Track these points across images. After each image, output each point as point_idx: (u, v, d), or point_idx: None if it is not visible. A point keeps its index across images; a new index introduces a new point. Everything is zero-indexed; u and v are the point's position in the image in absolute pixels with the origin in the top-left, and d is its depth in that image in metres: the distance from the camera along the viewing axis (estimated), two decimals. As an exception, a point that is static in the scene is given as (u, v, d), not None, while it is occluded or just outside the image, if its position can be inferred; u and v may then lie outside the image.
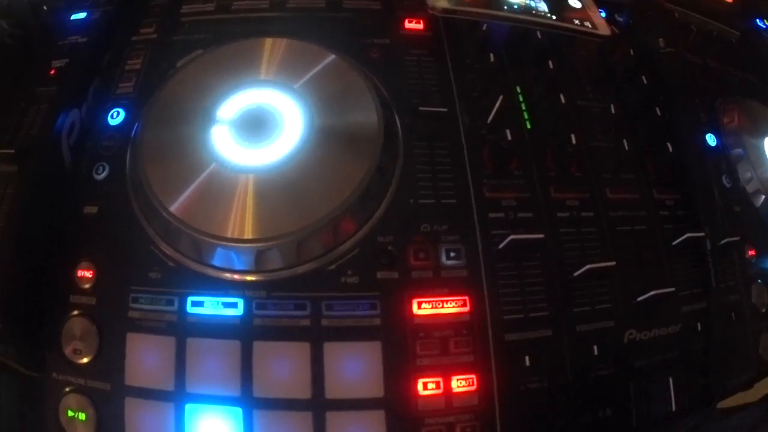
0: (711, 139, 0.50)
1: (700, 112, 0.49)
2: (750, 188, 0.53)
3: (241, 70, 0.47)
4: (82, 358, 0.43)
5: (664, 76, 0.50)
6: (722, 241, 0.46)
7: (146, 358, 0.42)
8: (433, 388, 0.40)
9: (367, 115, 0.45)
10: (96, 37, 0.51)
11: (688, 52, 0.52)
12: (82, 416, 0.44)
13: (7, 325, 0.42)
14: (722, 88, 0.54)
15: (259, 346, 0.41)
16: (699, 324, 0.46)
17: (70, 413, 0.44)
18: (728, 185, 0.50)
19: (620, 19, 0.55)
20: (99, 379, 0.43)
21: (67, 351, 0.44)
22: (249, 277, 0.42)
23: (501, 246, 0.42)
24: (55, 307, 0.44)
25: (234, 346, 0.41)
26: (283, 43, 0.48)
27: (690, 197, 0.47)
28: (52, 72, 0.50)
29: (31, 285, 0.44)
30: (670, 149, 0.47)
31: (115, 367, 0.42)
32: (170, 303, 0.42)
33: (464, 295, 0.42)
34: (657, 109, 0.50)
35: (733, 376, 0.47)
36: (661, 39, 0.50)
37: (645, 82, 0.51)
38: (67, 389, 0.44)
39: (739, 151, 0.51)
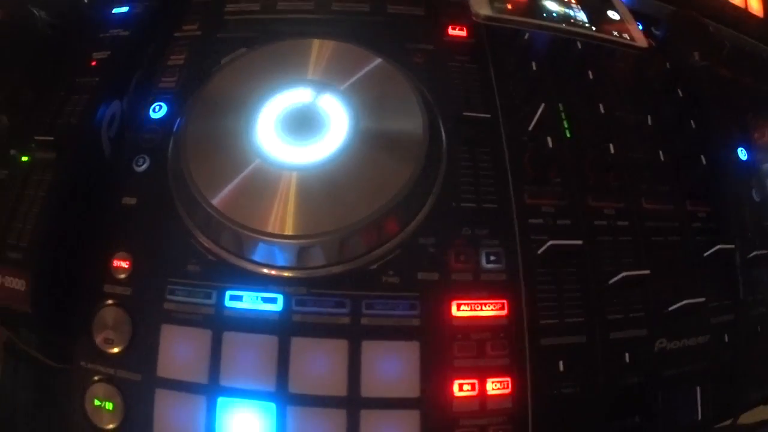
0: (742, 154, 0.50)
1: (732, 126, 0.49)
2: (780, 203, 0.52)
3: (288, 69, 0.47)
4: (114, 347, 0.42)
5: (698, 89, 0.50)
6: (751, 254, 0.46)
7: (180, 350, 0.41)
8: (468, 390, 0.40)
9: (412, 118, 0.44)
10: (138, 31, 0.50)
11: (721, 66, 0.52)
12: (109, 405, 0.42)
13: (37, 311, 0.40)
14: (753, 104, 0.54)
15: (296, 342, 0.40)
16: (726, 336, 0.46)
17: (97, 402, 0.43)
18: (758, 199, 0.50)
19: (657, 33, 0.55)
20: (129, 369, 0.42)
21: (98, 340, 0.43)
22: (289, 274, 0.41)
23: (540, 251, 0.42)
24: (89, 297, 0.43)
25: (271, 341, 0.40)
26: (330, 44, 0.48)
27: (721, 210, 0.47)
28: (93, 63, 0.48)
29: (64, 273, 0.43)
30: (704, 162, 0.47)
31: (148, 358, 0.41)
32: (208, 296, 0.41)
33: (503, 299, 0.41)
34: (692, 123, 0.50)
35: (756, 389, 0.46)
36: (696, 53, 0.50)
37: (680, 95, 0.51)
38: (96, 378, 0.42)
39: (769, 166, 0.51)
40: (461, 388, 0.40)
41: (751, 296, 0.46)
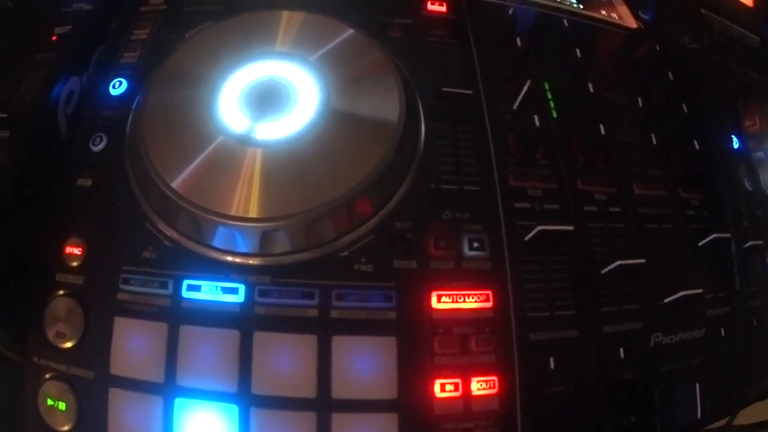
0: (734, 141, 0.42)
1: (724, 111, 0.41)
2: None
3: (255, 41, 0.38)
4: (66, 342, 0.33)
5: (689, 72, 0.42)
6: (746, 245, 0.38)
7: (134, 345, 0.33)
8: (451, 390, 0.31)
9: (387, 92, 0.35)
10: (101, 5, 0.41)
11: (711, 52, 0.44)
12: (61, 405, 0.33)
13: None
14: (743, 91, 0.46)
15: (260, 337, 0.31)
16: (723, 329, 0.37)
17: (50, 401, 0.34)
18: (750, 188, 0.42)
19: (645, 17, 0.47)
20: (82, 366, 0.33)
21: (50, 334, 0.34)
22: (252, 261, 0.32)
23: (528, 237, 0.33)
24: (41, 286, 0.34)
25: (232, 336, 0.31)
26: (300, 16, 0.39)
27: (714, 198, 0.39)
28: (54, 38, 0.40)
29: (15, 260, 0.35)
30: (697, 147, 0.39)
31: (101, 353, 0.33)
32: (164, 286, 0.32)
33: (487, 289, 0.32)
34: (683, 106, 0.41)
35: (754, 385, 0.38)
36: (686, 34, 0.42)
37: (671, 77, 0.42)
38: (48, 375, 0.33)
39: (760, 154, 0.43)
40: (443, 389, 0.31)
41: (747, 288, 0.38)
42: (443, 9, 0.42)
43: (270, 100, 0.35)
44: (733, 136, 0.40)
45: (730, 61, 0.44)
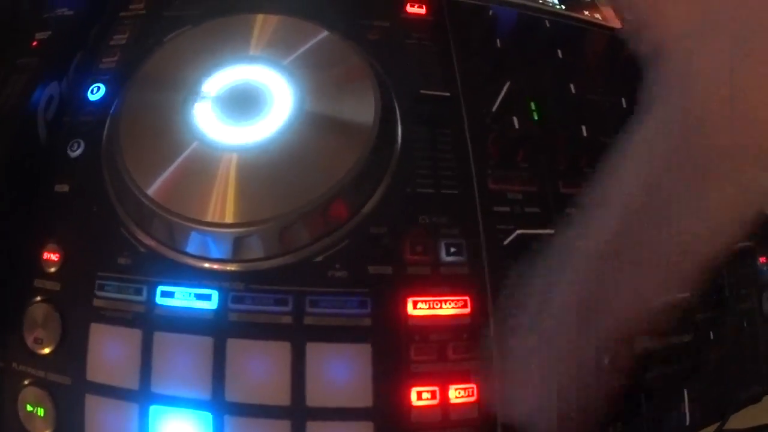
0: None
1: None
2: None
3: (229, 45, 0.37)
4: (44, 348, 0.33)
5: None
6: (735, 246, 0.37)
7: (110, 352, 0.32)
8: (428, 398, 0.30)
9: (362, 95, 0.34)
10: (83, 11, 0.40)
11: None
12: (40, 412, 0.33)
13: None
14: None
15: (233, 344, 0.30)
16: (711, 333, 0.36)
17: (29, 408, 0.33)
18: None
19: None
20: (60, 372, 0.32)
21: (29, 340, 0.33)
22: (226, 267, 0.31)
23: (506, 242, 0.32)
24: (20, 292, 0.34)
25: (206, 343, 0.30)
26: (275, 19, 0.38)
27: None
28: (35, 43, 0.39)
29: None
30: (683, 148, 0.38)
31: (77, 360, 0.32)
32: (138, 292, 0.32)
33: (465, 295, 0.31)
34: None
35: (744, 389, 0.37)
36: None
37: (657, 78, 0.41)
38: (27, 381, 0.33)
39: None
40: (420, 397, 0.30)
41: (736, 291, 0.37)
42: (422, 11, 0.41)
43: (244, 104, 0.34)
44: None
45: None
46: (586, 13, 0.43)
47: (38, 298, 0.34)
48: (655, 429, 0.35)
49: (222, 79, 0.35)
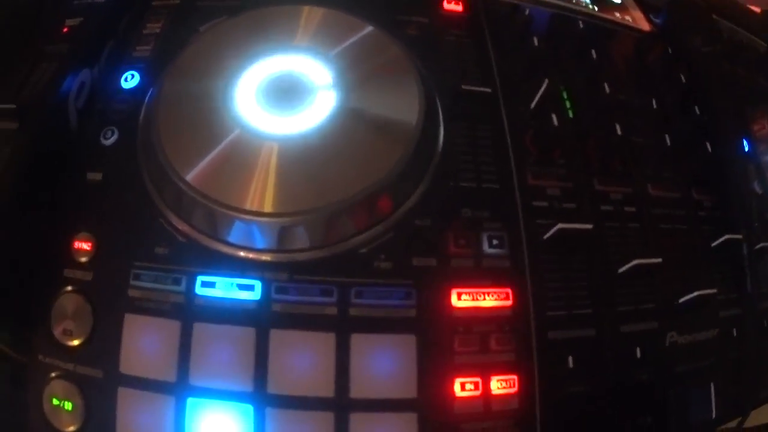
0: (744, 145, 0.41)
1: (734, 115, 0.40)
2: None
3: (273, 35, 0.36)
4: (73, 340, 0.31)
5: (701, 75, 0.41)
6: (757, 246, 0.37)
7: (146, 343, 0.31)
8: (471, 389, 0.30)
9: (407, 90, 0.34)
10: (114, -1, 0.39)
11: (720, 57, 0.44)
12: (68, 405, 0.31)
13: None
14: (751, 96, 0.45)
15: (276, 335, 0.30)
16: (735, 330, 0.36)
17: (55, 401, 0.32)
18: (760, 192, 0.41)
19: (656, 21, 0.46)
20: (90, 364, 0.31)
21: (57, 331, 0.32)
22: (269, 257, 0.31)
23: (547, 236, 0.32)
24: (47, 282, 0.32)
25: (248, 334, 0.30)
26: (319, 11, 0.37)
27: (726, 200, 0.38)
28: (65, 30, 0.38)
29: (23, 256, 0.33)
30: (709, 149, 0.38)
31: (110, 352, 0.31)
32: (177, 282, 0.31)
33: (507, 287, 0.31)
34: (695, 109, 0.40)
35: (766, 386, 0.37)
36: (698, 38, 0.42)
37: (683, 81, 0.41)
38: (54, 374, 0.31)
39: (769, 158, 0.43)
40: (463, 388, 0.30)
41: (757, 289, 0.37)
42: (459, 8, 0.41)
43: (287, 94, 0.34)
44: (743, 140, 0.40)
45: (738, 67, 0.44)
46: (617, 14, 0.43)
47: (68, 288, 0.32)
48: (682, 423, 0.35)
49: (266, 68, 0.34)
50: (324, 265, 0.30)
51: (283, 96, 0.34)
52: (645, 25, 0.43)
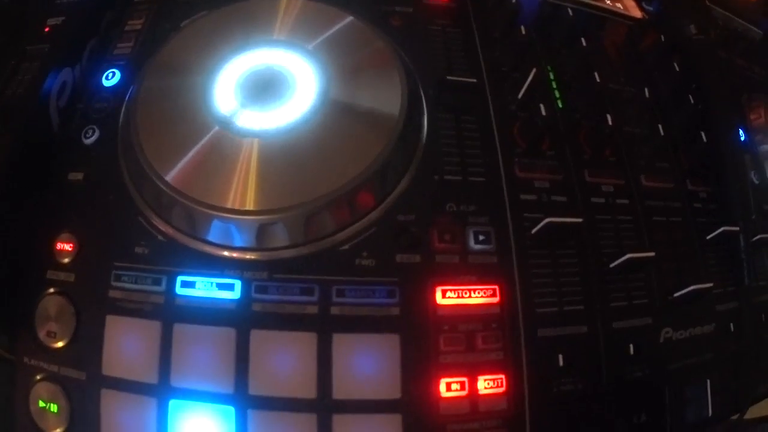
0: (740, 134, 0.39)
1: (730, 103, 0.38)
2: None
3: (252, 29, 0.35)
4: (57, 341, 0.31)
5: (695, 63, 0.39)
6: (755, 238, 0.36)
7: (127, 344, 0.30)
8: (457, 390, 0.28)
9: (389, 82, 0.32)
10: (96, -3, 0.38)
11: (715, 45, 0.42)
12: (53, 407, 0.31)
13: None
14: (747, 85, 0.43)
15: (257, 336, 0.29)
16: (732, 324, 0.35)
17: (42, 403, 0.31)
18: (757, 182, 0.39)
19: (649, 8, 0.44)
20: (74, 366, 0.30)
21: (41, 333, 0.31)
22: (249, 256, 0.30)
23: (535, 230, 0.31)
24: (31, 284, 0.32)
25: (228, 334, 0.29)
26: (298, 3, 0.36)
27: (722, 191, 0.36)
28: (47, 29, 0.37)
29: (6, 257, 0.32)
30: (704, 139, 0.36)
31: (92, 353, 0.30)
32: (157, 282, 0.30)
33: (494, 284, 0.30)
34: (690, 97, 0.38)
35: (764, 381, 0.36)
36: (692, 25, 0.40)
37: (677, 69, 0.39)
38: (39, 377, 0.31)
39: (766, 147, 0.41)
40: (449, 388, 0.28)
41: (755, 282, 0.36)
42: (445, -2, 0.40)
43: (267, 89, 0.32)
44: (739, 129, 0.38)
45: (734, 56, 0.42)
46: (608, 2, 0.41)
47: (51, 290, 0.31)
48: (678, 421, 0.34)
49: (245, 63, 0.33)
50: (305, 263, 0.29)
51: (263, 90, 0.32)
52: (637, 13, 0.41)
